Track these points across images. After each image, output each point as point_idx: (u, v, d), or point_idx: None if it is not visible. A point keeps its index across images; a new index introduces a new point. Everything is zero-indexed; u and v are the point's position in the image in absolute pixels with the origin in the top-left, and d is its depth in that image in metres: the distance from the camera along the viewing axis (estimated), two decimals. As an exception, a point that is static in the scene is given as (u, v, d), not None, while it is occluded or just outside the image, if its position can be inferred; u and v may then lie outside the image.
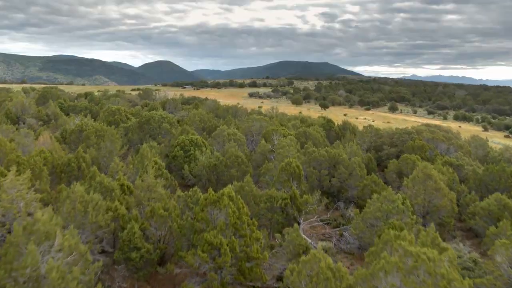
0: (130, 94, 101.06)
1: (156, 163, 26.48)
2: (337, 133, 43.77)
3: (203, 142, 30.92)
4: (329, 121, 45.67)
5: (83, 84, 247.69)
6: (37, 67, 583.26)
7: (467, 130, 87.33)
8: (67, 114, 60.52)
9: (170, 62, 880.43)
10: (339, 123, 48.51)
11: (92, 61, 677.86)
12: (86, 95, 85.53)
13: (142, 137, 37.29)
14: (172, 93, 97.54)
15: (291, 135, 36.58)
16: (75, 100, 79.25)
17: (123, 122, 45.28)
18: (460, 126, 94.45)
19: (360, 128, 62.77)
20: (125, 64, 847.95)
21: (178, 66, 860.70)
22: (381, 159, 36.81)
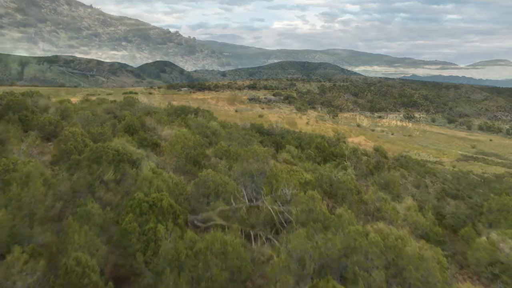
0: (115, 101, 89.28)
1: (78, 262, 14.74)
2: (368, 168, 31.96)
3: (170, 206, 19.10)
4: (355, 150, 33.94)
5: (76, 86, 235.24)
6: (36, 67, 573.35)
7: (502, 144, 75.60)
8: (26, 131, 48.98)
9: (170, 62, 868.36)
10: (367, 150, 36.80)
11: (91, 61, 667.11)
12: (61, 103, 73.49)
13: (91, 182, 25.54)
14: (160, 98, 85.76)
15: (309, 181, 24.82)
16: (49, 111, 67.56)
17: (78, 151, 33.61)
18: (491, 140, 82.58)
19: (385, 146, 51.23)
20: (124, 64, 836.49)
21: (178, 66, 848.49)
22: (442, 216, 25.12)
